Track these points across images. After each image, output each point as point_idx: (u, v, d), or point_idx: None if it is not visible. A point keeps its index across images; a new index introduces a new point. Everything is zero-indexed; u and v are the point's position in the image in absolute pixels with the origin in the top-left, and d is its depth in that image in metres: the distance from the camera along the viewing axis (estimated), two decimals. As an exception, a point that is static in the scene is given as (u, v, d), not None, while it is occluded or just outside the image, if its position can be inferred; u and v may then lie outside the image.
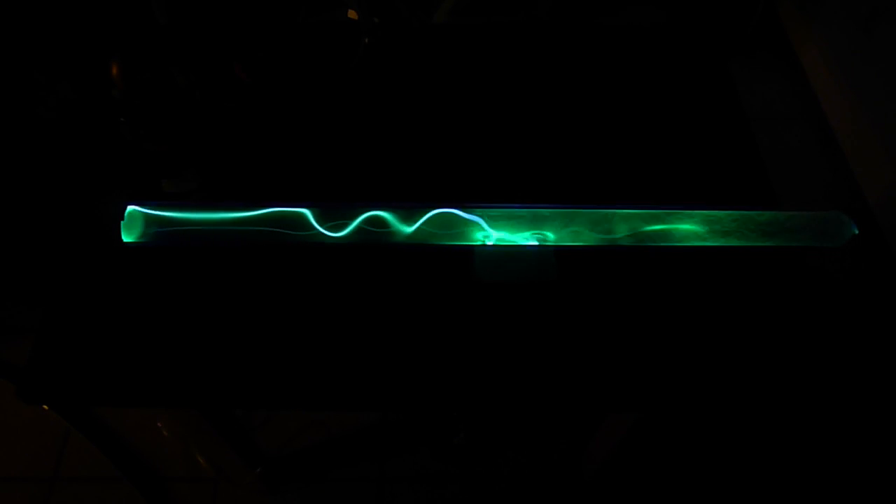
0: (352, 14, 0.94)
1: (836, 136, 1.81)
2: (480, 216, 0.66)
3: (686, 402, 0.67)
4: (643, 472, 1.27)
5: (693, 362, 0.67)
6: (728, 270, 0.72)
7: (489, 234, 0.65)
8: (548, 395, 0.66)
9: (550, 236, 0.65)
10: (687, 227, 0.68)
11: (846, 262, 1.44)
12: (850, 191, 1.71)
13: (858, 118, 1.74)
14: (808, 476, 1.24)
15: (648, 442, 1.23)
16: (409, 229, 0.65)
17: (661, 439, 1.26)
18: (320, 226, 0.65)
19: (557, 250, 0.68)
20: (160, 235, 0.64)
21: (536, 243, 0.65)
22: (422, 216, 0.64)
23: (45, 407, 0.66)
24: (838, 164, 1.77)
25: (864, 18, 1.72)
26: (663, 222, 0.68)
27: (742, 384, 0.66)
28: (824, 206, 0.68)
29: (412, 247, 0.65)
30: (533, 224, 0.66)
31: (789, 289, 0.71)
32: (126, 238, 0.64)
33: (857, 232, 0.69)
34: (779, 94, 2.00)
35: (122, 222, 0.64)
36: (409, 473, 1.37)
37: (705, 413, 0.72)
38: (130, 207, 0.64)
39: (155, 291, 0.69)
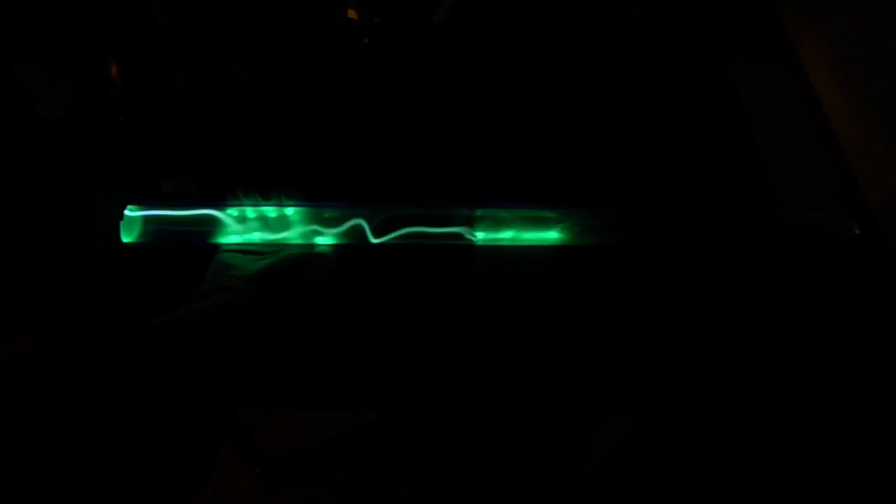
0: (352, 14, 0.94)
1: (836, 136, 1.80)
2: (481, 215, 0.65)
3: (686, 402, 0.67)
4: (643, 473, 1.27)
5: (693, 362, 0.67)
6: (728, 270, 0.72)
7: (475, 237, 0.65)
8: (548, 394, 0.66)
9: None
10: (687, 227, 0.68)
11: (847, 262, 1.44)
12: (850, 191, 1.71)
13: (858, 118, 1.74)
14: (809, 476, 1.24)
15: (648, 442, 1.23)
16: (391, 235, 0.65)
17: (662, 439, 1.26)
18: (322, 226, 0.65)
19: (557, 250, 0.68)
20: (160, 235, 0.64)
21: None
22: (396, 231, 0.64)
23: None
24: (838, 164, 1.77)
25: (864, 18, 1.72)
26: (661, 222, 0.68)
27: (743, 384, 0.66)
28: (825, 206, 0.68)
29: (412, 246, 0.65)
30: (536, 224, 0.66)
31: (790, 289, 0.71)
32: (126, 238, 0.64)
33: (858, 232, 0.68)
34: (779, 94, 2.00)
35: (121, 222, 0.64)
36: (408, 473, 1.37)
37: (705, 413, 0.72)
38: (130, 207, 0.64)
39: (154, 291, 0.69)
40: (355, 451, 1.40)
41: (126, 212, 0.64)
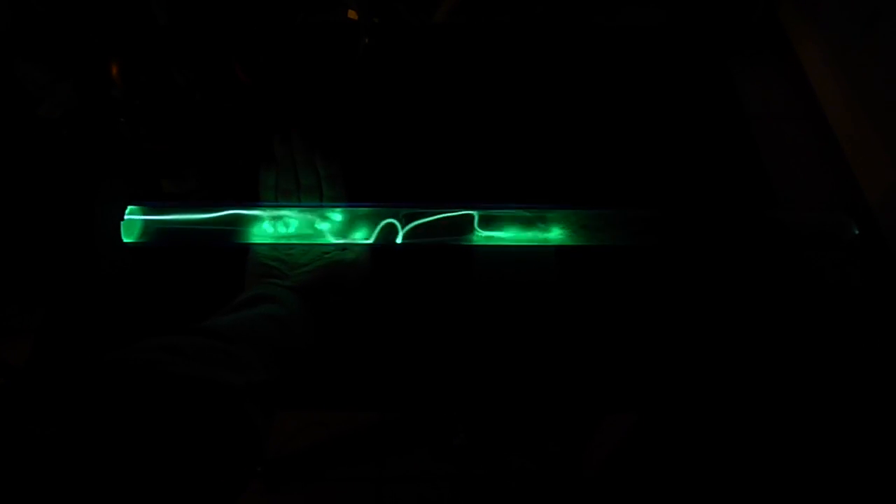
0: (352, 14, 0.94)
1: (836, 136, 1.80)
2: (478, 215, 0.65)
3: (686, 402, 0.67)
4: (643, 473, 1.27)
5: (693, 362, 0.67)
6: (727, 270, 0.72)
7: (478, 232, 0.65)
8: (548, 395, 0.66)
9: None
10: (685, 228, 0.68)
11: (846, 262, 1.44)
12: (850, 191, 1.71)
13: (858, 118, 1.74)
14: (809, 476, 1.24)
15: (648, 442, 1.23)
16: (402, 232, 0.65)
17: (662, 439, 1.26)
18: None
19: (557, 250, 0.68)
20: (160, 235, 0.64)
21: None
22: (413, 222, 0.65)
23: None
24: (838, 164, 1.77)
25: (864, 18, 1.72)
26: (660, 224, 0.68)
27: (742, 384, 0.66)
28: (824, 206, 0.68)
29: (412, 246, 0.65)
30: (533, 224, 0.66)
31: (789, 289, 0.71)
32: (126, 238, 0.64)
33: (857, 232, 0.69)
34: (779, 93, 2.00)
35: (122, 222, 0.64)
36: (408, 473, 1.37)
37: (705, 413, 0.72)
38: (131, 207, 0.64)
39: (155, 291, 0.69)
40: (356, 451, 1.40)
41: (127, 215, 0.64)
